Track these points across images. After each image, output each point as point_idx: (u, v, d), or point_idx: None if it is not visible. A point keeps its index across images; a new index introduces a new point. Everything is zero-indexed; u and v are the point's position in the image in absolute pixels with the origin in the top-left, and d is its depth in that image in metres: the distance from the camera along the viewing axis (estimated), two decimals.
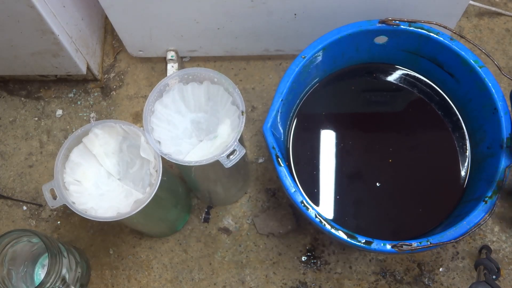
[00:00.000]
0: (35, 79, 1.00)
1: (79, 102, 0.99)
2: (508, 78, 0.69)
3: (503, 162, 0.67)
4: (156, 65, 1.01)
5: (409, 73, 0.82)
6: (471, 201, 0.70)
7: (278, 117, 0.70)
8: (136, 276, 0.88)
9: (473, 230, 0.63)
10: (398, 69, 0.82)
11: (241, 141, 0.68)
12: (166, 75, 0.95)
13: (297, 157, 0.78)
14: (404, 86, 0.81)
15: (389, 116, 0.82)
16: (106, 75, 1.00)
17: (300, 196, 0.65)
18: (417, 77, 0.81)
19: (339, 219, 0.75)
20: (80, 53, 0.90)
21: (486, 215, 0.64)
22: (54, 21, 0.80)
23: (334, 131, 0.80)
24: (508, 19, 1.00)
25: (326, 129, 0.80)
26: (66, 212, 0.92)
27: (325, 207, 0.75)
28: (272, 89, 0.97)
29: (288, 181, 0.66)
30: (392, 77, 0.82)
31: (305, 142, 0.79)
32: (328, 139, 0.79)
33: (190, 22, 0.85)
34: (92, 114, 0.98)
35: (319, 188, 0.76)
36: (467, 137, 0.78)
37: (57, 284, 0.70)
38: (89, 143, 0.70)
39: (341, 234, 0.64)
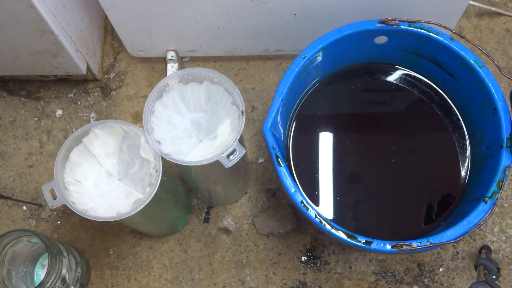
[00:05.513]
0: (35, 79, 1.00)
1: (79, 102, 0.99)
2: (508, 78, 0.69)
3: (503, 162, 0.67)
4: (156, 65, 1.01)
5: (409, 73, 0.82)
6: (471, 201, 0.70)
7: (278, 117, 0.70)
8: (136, 276, 0.88)
9: (473, 230, 0.63)
10: (398, 69, 0.82)
11: (241, 141, 0.68)
12: (166, 75, 0.95)
13: (297, 157, 0.78)
14: (404, 86, 0.81)
15: (388, 116, 0.82)
16: (106, 75, 1.00)
17: (300, 196, 0.65)
18: (417, 77, 0.81)
19: (339, 219, 0.75)
20: (80, 53, 0.90)
21: (486, 215, 0.64)
22: (54, 21, 0.80)
23: (334, 131, 0.80)
24: (508, 19, 1.00)
25: (326, 129, 0.80)
26: (66, 212, 0.92)
27: (325, 207, 0.75)
28: (272, 89, 0.97)
29: (288, 181, 0.66)
30: (392, 77, 0.82)
31: (305, 142, 0.79)
32: (328, 139, 0.79)
33: (190, 22, 0.85)
34: (92, 114, 0.98)
35: (319, 188, 0.76)
36: (467, 137, 0.78)
37: (57, 284, 0.70)
38: (89, 143, 0.70)
39: (341, 234, 0.64)
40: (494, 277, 0.74)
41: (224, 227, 0.89)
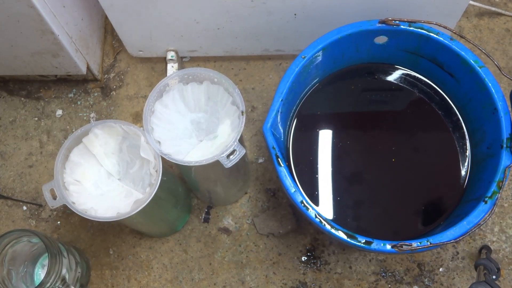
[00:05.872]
0: (35, 79, 1.00)
1: (79, 102, 0.99)
2: (508, 78, 0.69)
3: (503, 162, 0.67)
4: (156, 65, 1.01)
5: (409, 73, 0.82)
6: (471, 201, 0.70)
7: (278, 117, 0.70)
8: (136, 276, 0.88)
9: (473, 230, 0.63)
10: (398, 69, 0.82)
11: (241, 141, 0.68)
12: (166, 75, 0.95)
13: (297, 157, 0.78)
14: (404, 86, 0.81)
15: (389, 116, 0.82)
16: (106, 75, 1.00)
17: (300, 196, 0.65)
18: (417, 77, 0.81)
19: (339, 219, 0.75)
20: (80, 53, 0.90)
21: (486, 215, 0.64)
22: (54, 21, 0.80)
23: (334, 131, 0.80)
24: (508, 19, 1.00)
25: (326, 129, 0.80)
26: (66, 212, 0.92)
27: (325, 207, 0.75)
28: (272, 89, 0.97)
29: (288, 181, 0.66)
30: (392, 77, 0.82)
31: (305, 142, 0.79)
32: (328, 139, 0.79)
33: (190, 22, 0.85)
34: (92, 114, 0.98)
35: (320, 188, 0.76)
36: (467, 137, 0.78)
37: (57, 284, 0.70)
38: (89, 143, 0.70)
39: (341, 234, 0.64)
40: (494, 277, 0.74)
41: (224, 227, 0.89)
